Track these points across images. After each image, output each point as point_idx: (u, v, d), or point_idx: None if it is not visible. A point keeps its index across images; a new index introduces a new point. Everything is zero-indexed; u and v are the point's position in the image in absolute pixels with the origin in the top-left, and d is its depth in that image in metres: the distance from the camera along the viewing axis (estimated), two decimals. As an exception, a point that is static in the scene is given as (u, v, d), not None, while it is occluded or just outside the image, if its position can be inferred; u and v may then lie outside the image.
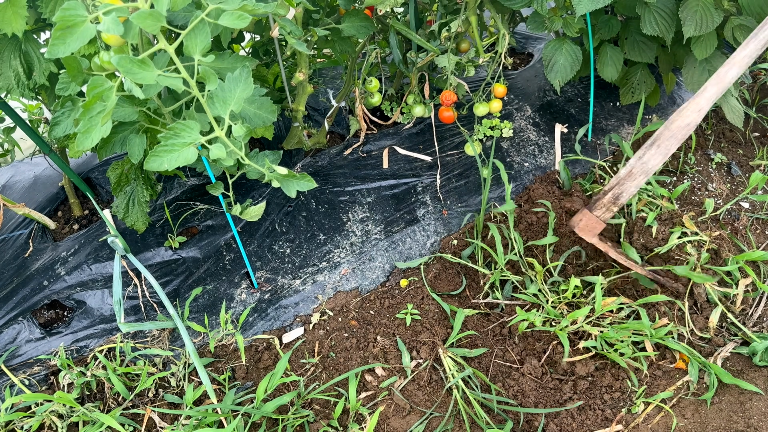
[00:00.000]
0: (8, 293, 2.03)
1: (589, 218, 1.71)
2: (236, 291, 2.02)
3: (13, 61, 1.74)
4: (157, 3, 1.17)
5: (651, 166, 1.62)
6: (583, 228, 1.73)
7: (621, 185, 1.67)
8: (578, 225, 1.74)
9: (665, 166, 2.34)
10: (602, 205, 1.70)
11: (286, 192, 1.55)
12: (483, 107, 2.25)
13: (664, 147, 1.60)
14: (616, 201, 1.68)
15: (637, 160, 1.64)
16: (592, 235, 1.73)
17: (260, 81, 2.32)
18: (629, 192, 1.66)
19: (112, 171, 1.95)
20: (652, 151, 1.61)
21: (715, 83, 1.57)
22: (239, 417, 1.55)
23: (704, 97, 1.58)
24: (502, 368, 1.76)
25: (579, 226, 1.74)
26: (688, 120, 1.58)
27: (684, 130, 1.59)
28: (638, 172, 1.64)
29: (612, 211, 1.69)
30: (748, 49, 1.53)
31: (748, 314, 1.81)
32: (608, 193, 1.68)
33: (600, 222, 1.71)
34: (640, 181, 1.64)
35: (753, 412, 1.56)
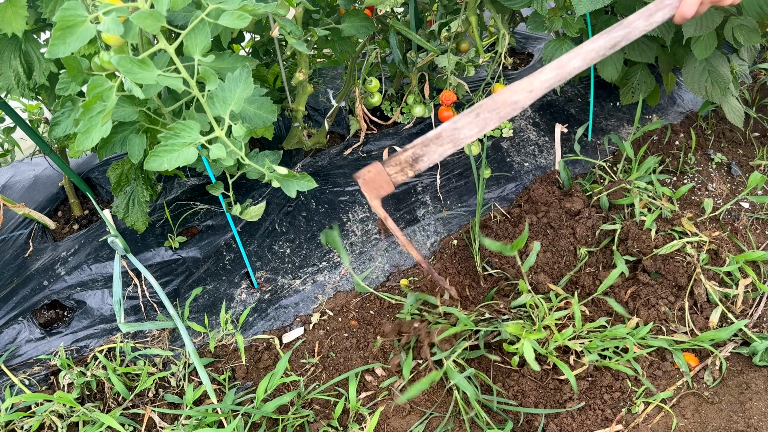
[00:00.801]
0: (8, 293, 2.03)
1: (379, 172, 1.44)
2: (236, 291, 2.03)
3: (13, 61, 1.74)
4: (157, 3, 1.17)
5: (463, 136, 1.43)
6: (369, 182, 1.45)
7: (425, 146, 1.44)
8: (364, 177, 1.45)
9: (665, 166, 2.34)
10: (397, 163, 1.45)
11: (286, 192, 1.55)
12: (483, 107, 2.25)
13: (482, 118, 1.42)
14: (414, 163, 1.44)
15: (451, 124, 1.44)
16: (376, 195, 1.47)
17: (260, 81, 2.32)
18: (431, 157, 1.44)
19: (112, 171, 1.95)
20: (469, 118, 1.42)
21: (555, 67, 1.42)
22: (239, 417, 1.56)
23: (539, 79, 1.43)
24: (502, 369, 1.76)
25: (364, 178, 1.45)
26: (516, 98, 1.42)
27: (509, 107, 1.42)
28: (447, 137, 1.43)
29: (407, 174, 1.45)
30: (597, 43, 1.40)
31: (748, 314, 1.81)
32: (408, 151, 1.44)
33: (390, 182, 1.45)
34: (446, 150, 1.44)
35: (753, 412, 1.56)
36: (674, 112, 2.61)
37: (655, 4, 1.38)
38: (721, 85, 2.07)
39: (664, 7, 1.37)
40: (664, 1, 1.37)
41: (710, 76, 2.08)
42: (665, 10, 1.37)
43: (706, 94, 2.10)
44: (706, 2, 1.36)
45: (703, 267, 1.83)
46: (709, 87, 2.08)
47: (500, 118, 1.43)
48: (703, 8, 1.36)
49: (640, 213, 2.01)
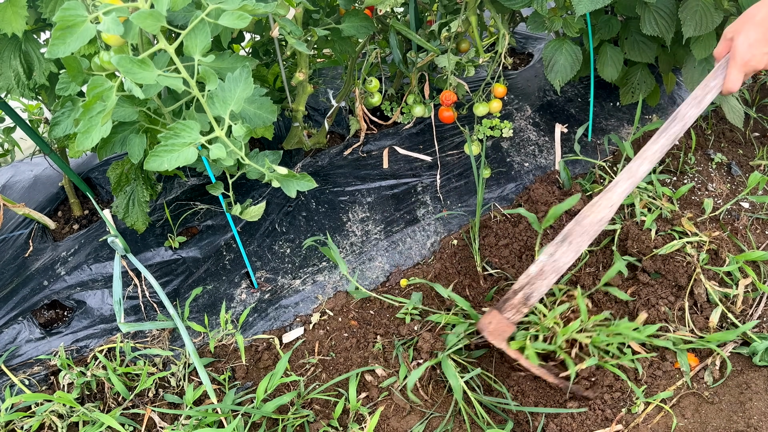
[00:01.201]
0: (8, 293, 2.03)
1: (499, 321, 1.57)
2: (236, 291, 2.03)
3: (13, 61, 1.74)
4: (157, 3, 1.17)
5: (562, 264, 1.53)
6: (493, 332, 1.58)
7: (531, 285, 1.55)
8: (487, 329, 1.58)
9: (665, 166, 2.34)
10: (512, 306, 1.57)
11: (286, 192, 1.55)
12: (483, 107, 2.25)
13: (575, 244, 1.51)
14: (526, 302, 1.56)
15: (548, 257, 1.54)
16: (502, 339, 1.59)
17: (260, 81, 2.32)
18: (540, 291, 1.55)
19: (112, 171, 1.95)
20: (564, 248, 1.52)
21: (627, 178, 1.51)
22: (239, 417, 1.56)
23: (616, 193, 1.52)
24: (502, 368, 1.76)
25: (488, 329, 1.58)
26: (601, 215, 1.52)
27: (596, 226, 1.52)
28: (549, 270, 1.53)
29: (522, 312, 1.57)
30: (659, 144, 1.48)
31: (748, 314, 1.81)
32: (518, 293, 1.56)
33: (510, 325, 1.58)
34: (551, 280, 1.54)
35: (753, 412, 1.56)
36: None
37: (702, 89, 1.45)
38: (721, 85, 2.06)
39: (711, 90, 1.45)
40: (709, 84, 1.44)
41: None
42: (712, 92, 1.45)
43: (706, 94, 2.09)
44: (749, 72, 1.42)
45: (703, 267, 1.83)
46: (709, 87, 2.08)
47: (591, 237, 1.52)
48: (745, 78, 1.43)
49: (641, 213, 2.01)
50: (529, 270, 1.57)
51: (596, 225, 1.52)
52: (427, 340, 1.77)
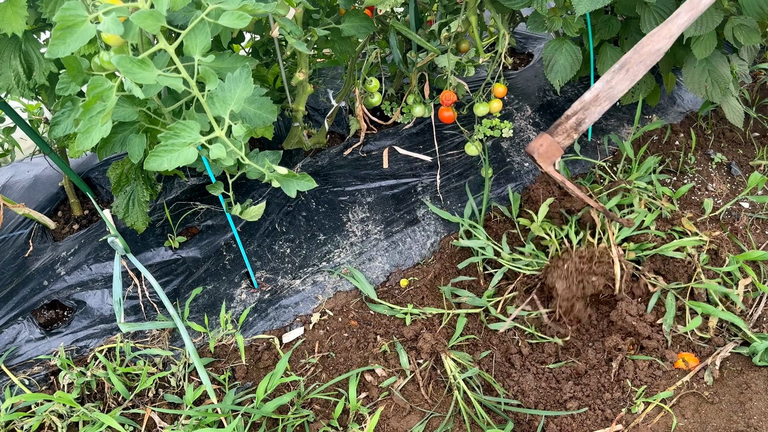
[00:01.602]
0: (8, 293, 2.03)
1: (550, 144, 1.59)
2: (236, 291, 2.03)
3: (13, 61, 1.74)
4: (157, 3, 1.17)
5: (617, 92, 1.55)
6: (543, 154, 1.60)
7: (585, 110, 1.57)
8: (538, 150, 1.60)
9: (665, 166, 2.34)
10: (564, 131, 1.59)
11: (286, 192, 1.55)
12: (483, 107, 2.25)
13: (632, 72, 1.53)
14: (578, 126, 1.58)
15: (604, 83, 1.56)
16: (550, 162, 1.62)
17: (260, 81, 2.32)
18: (592, 117, 1.57)
19: (112, 171, 1.95)
20: (621, 75, 1.54)
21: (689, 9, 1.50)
22: (239, 417, 1.56)
23: (676, 24, 1.51)
24: (503, 368, 1.76)
25: (539, 151, 1.60)
26: (659, 45, 1.51)
27: (653, 56, 1.52)
28: (604, 96, 1.55)
29: (572, 137, 1.60)
30: None
31: (748, 314, 1.81)
32: (571, 118, 1.58)
33: (559, 148, 1.60)
34: (605, 107, 1.56)
35: (753, 412, 1.56)
36: (674, 112, 2.61)
37: None
38: (721, 85, 2.07)
39: None
40: None
41: (710, 76, 2.08)
42: None
43: (706, 94, 2.10)
44: None
45: (703, 267, 1.83)
46: (709, 87, 2.08)
47: (647, 67, 1.51)
48: None
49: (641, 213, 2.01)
50: (584, 96, 1.58)
51: (653, 55, 1.53)
52: (427, 341, 1.77)
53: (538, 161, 1.61)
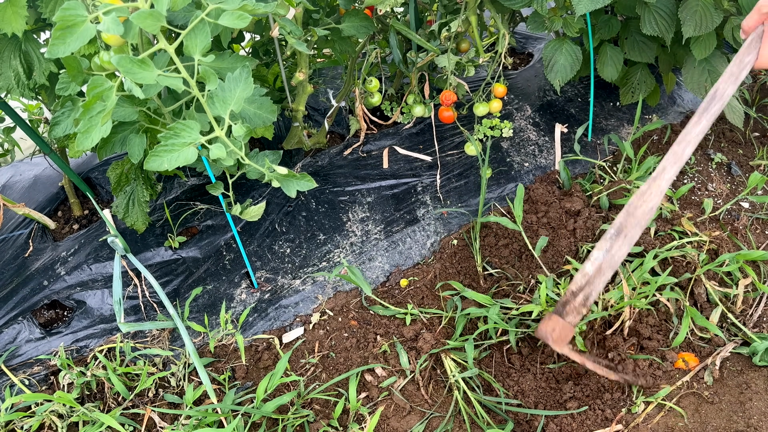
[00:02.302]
0: (8, 293, 2.03)
1: (563, 326, 1.53)
2: (236, 291, 2.03)
3: (13, 61, 1.74)
4: (157, 3, 1.17)
5: (618, 258, 1.52)
6: (557, 339, 1.54)
7: (590, 284, 1.52)
8: (552, 336, 1.53)
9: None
10: (573, 309, 1.54)
11: (286, 192, 1.55)
12: (483, 107, 2.25)
13: (630, 236, 1.51)
14: (585, 302, 1.53)
15: (604, 252, 1.52)
16: (564, 344, 1.56)
17: (260, 81, 2.32)
18: (598, 289, 1.53)
19: (112, 171, 1.95)
20: (619, 242, 1.51)
21: (673, 162, 1.51)
22: (239, 417, 1.56)
23: (664, 179, 1.52)
24: (502, 368, 1.76)
25: (553, 337, 1.53)
26: (651, 204, 1.52)
27: (648, 215, 1.52)
28: (607, 266, 1.51)
29: (581, 313, 1.55)
30: (701, 125, 1.49)
31: (748, 314, 1.81)
32: (578, 295, 1.53)
33: (571, 328, 1.55)
34: (608, 276, 1.53)
35: (753, 412, 1.56)
36: (674, 112, 2.61)
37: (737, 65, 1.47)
38: (721, 84, 2.06)
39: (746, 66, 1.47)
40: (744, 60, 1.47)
41: (710, 76, 2.08)
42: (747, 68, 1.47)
43: (705, 94, 2.09)
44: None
45: (703, 267, 1.83)
46: (709, 87, 2.08)
47: (643, 227, 1.52)
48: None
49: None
50: (585, 269, 1.54)
51: (648, 214, 1.52)
52: (427, 341, 1.77)
53: (553, 347, 1.56)
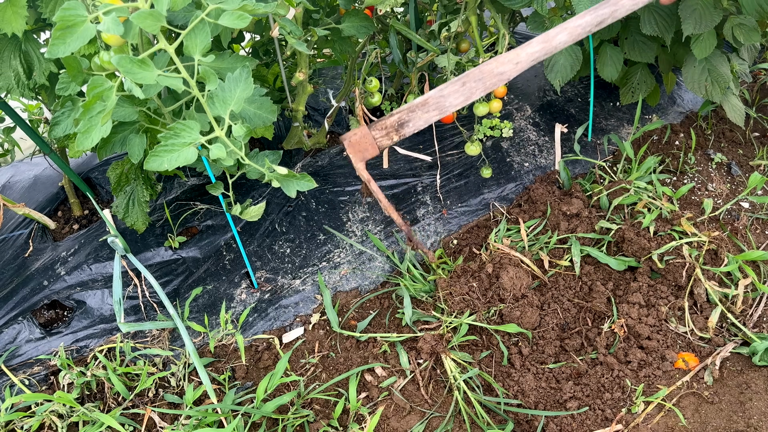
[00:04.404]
0: (8, 293, 2.03)
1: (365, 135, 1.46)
2: (236, 291, 2.03)
3: (13, 61, 1.74)
4: (157, 3, 1.17)
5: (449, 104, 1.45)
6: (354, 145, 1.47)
7: (411, 111, 1.47)
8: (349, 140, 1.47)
9: (665, 166, 2.34)
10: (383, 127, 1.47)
11: (286, 192, 1.55)
12: (483, 107, 2.25)
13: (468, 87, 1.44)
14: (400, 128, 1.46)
15: (437, 91, 1.47)
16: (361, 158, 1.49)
17: (260, 81, 2.32)
18: (417, 123, 1.47)
19: (112, 171, 1.95)
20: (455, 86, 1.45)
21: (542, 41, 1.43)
22: (239, 417, 1.56)
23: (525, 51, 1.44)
24: (502, 368, 1.76)
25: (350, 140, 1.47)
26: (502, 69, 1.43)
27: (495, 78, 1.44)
28: (434, 104, 1.45)
29: (392, 138, 1.47)
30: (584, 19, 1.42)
31: (748, 314, 1.81)
32: (394, 116, 1.46)
33: (375, 146, 1.47)
34: (432, 116, 1.46)
35: (753, 412, 1.56)
36: (674, 112, 2.61)
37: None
38: (721, 84, 2.07)
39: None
40: None
41: (710, 75, 2.08)
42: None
43: (706, 93, 2.10)
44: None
45: (703, 267, 1.83)
46: (709, 86, 2.08)
47: (486, 88, 1.43)
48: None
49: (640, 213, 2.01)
50: (414, 100, 1.48)
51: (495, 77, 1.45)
52: (427, 341, 1.77)
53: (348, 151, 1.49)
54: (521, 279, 1.85)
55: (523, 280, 1.86)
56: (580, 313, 1.86)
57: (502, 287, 1.84)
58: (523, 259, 1.92)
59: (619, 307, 1.82)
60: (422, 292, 1.95)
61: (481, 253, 2.02)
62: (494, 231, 2.09)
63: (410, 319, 1.86)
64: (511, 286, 1.83)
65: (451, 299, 1.85)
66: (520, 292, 1.84)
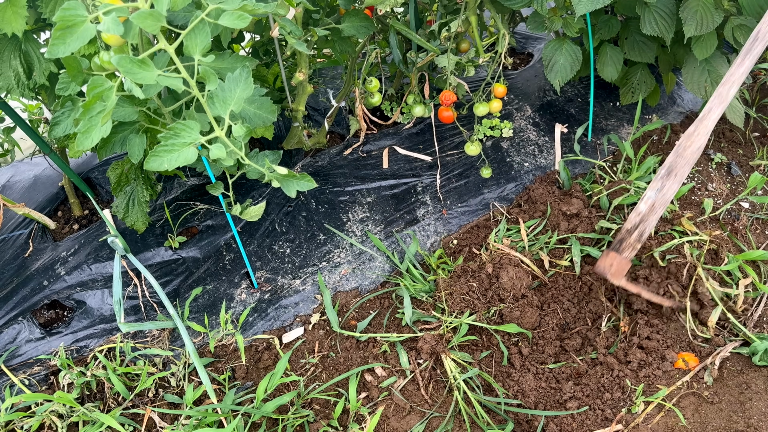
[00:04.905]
0: (8, 293, 2.03)
1: (620, 262, 1.70)
2: (236, 291, 2.03)
3: (13, 61, 1.74)
4: (157, 3, 1.17)
5: (669, 196, 1.66)
6: (615, 273, 1.70)
7: (644, 221, 1.68)
8: (610, 271, 1.70)
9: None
10: (629, 246, 1.70)
11: (286, 192, 1.55)
12: (483, 107, 2.25)
13: (680, 175, 1.65)
14: (640, 238, 1.69)
15: (656, 192, 1.67)
16: (621, 277, 1.72)
17: (260, 81, 2.32)
18: (652, 225, 1.68)
19: (112, 171, 1.95)
20: (670, 181, 1.65)
21: (719, 103, 1.61)
22: (239, 417, 1.56)
23: (710, 119, 1.62)
24: (502, 368, 1.76)
25: (611, 272, 1.70)
26: (699, 143, 1.63)
27: (696, 154, 1.63)
28: (659, 204, 1.66)
29: (636, 248, 1.70)
30: (744, 66, 1.58)
31: (748, 314, 1.81)
32: (633, 233, 1.69)
33: (628, 262, 1.70)
34: (660, 213, 1.68)
35: (753, 412, 1.56)
36: (674, 112, 2.61)
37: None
38: (721, 84, 2.06)
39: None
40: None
41: (710, 76, 2.08)
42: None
43: (705, 94, 2.10)
44: None
45: (704, 266, 1.83)
46: (709, 87, 2.08)
47: (691, 165, 1.66)
48: None
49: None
50: (639, 208, 1.68)
51: (695, 154, 1.63)
52: (427, 341, 1.77)
53: (611, 280, 1.72)
54: (521, 279, 1.86)
55: (523, 280, 1.86)
56: (580, 313, 1.86)
57: (502, 287, 1.84)
58: (523, 259, 1.92)
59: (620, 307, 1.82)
60: (422, 292, 1.95)
61: (481, 253, 2.02)
62: (494, 231, 2.09)
63: (410, 319, 1.86)
64: (511, 286, 1.84)
65: (451, 299, 1.85)
66: (520, 292, 1.85)
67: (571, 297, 1.88)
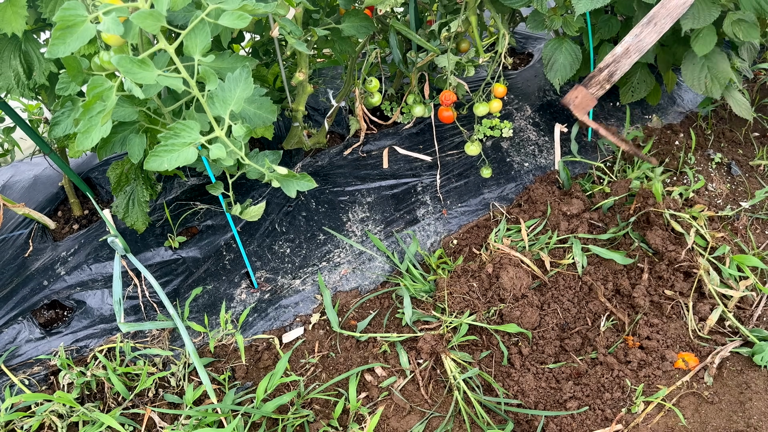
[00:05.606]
0: (8, 293, 2.03)
1: (584, 95, 1.75)
2: (236, 291, 2.03)
3: (13, 61, 1.74)
4: (157, 3, 1.17)
5: (645, 44, 1.68)
6: (578, 105, 1.76)
7: (617, 62, 1.71)
8: (574, 102, 1.76)
9: (665, 166, 2.34)
10: (597, 82, 1.74)
11: (286, 192, 1.55)
12: (483, 107, 2.25)
13: (659, 25, 1.65)
14: (610, 78, 1.72)
15: (633, 37, 1.69)
16: (584, 112, 1.78)
17: (260, 81, 2.32)
18: (623, 69, 1.71)
19: (112, 171, 1.95)
20: (648, 28, 1.66)
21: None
22: (239, 417, 1.56)
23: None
24: (502, 368, 1.76)
25: (575, 103, 1.76)
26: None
27: (680, 8, 1.63)
28: (633, 49, 1.68)
29: (605, 88, 1.74)
30: None
31: (748, 314, 1.81)
32: (604, 71, 1.72)
33: (593, 99, 1.75)
34: (634, 59, 1.70)
35: (753, 412, 1.56)
36: (674, 112, 2.61)
37: None
38: (721, 80, 2.06)
39: None
40: None
41: (710, 71, 2.07)
42: None
43: (705, 90, 2.09)
44: None
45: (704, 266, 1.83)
46: (709, 83, 2.08)
47: (673, 19, 1.65)
48: None
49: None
50: (615, 50, 1.71)
51: (680, 8, 1.64)
52: (427, 341, 1.77)
53: (574, 112, 1.78)
54: (521, 279, 1.86)
55: (523, 280, 1.86)
56: (580, 313, 1.86)
57: (502, 287, 1.84)
58: (523, 259, 1.92)
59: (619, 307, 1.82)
60: (422, 292, 1.95)
61: (481, 253, 2.02)
62: (494, 231, 2.09)
63: (410, 319, 1.86)
64: (511, 286, 1.84)
65: (451, 299, 1.85)
66: (520, 292, 1.85)
67: (571, 297, 1.88)
